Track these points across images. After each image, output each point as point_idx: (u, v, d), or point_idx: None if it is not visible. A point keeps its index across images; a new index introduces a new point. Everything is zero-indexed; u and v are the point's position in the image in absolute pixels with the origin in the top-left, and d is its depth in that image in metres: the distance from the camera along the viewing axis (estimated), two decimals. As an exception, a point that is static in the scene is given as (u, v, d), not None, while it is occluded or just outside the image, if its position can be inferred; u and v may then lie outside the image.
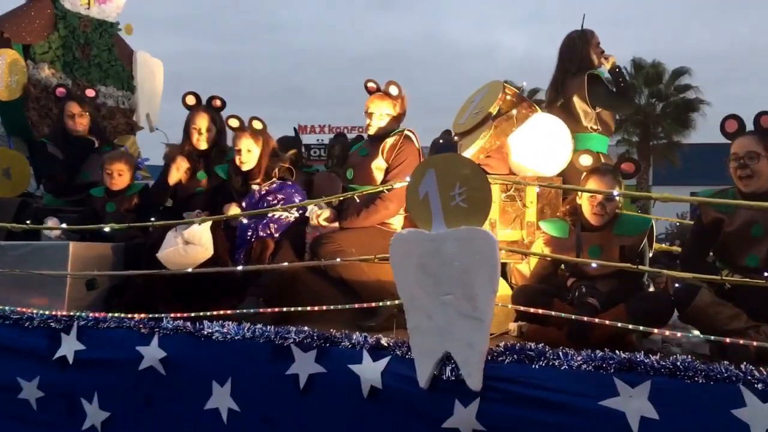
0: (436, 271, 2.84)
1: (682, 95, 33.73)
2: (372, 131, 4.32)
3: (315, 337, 3.23)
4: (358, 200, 3.95)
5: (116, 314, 3.71)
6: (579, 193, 3.41)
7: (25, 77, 5.59)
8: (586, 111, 4.70)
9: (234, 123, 4.41)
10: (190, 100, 4.62)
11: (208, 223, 4.15)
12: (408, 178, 3.02)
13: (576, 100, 4.69)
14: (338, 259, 3.72)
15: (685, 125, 33.10)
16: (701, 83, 34.80)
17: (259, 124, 4.34)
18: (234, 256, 4.19)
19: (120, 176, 4.66)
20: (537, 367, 2.78)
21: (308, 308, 3.46)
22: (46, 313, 3.86)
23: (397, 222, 4.20)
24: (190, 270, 3.68)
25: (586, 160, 3.38)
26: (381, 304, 3.38)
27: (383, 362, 3.04)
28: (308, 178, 5.52)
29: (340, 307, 3.41)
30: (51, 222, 4.38)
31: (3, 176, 5.41)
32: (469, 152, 3.74)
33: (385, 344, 3.10)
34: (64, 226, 4.00)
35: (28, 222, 4.06)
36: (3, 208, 5.20)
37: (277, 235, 4.19)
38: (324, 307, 3.42)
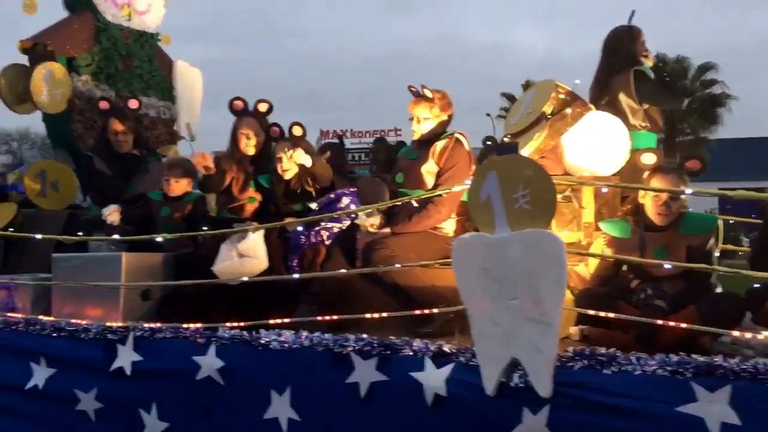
0: (501, 275, 2.78)
1: (708, 90, 33.67)
2: (416, 136, 4.29)
3: (375, 345, 3.20)
4: (416, 204, 3.90)
5: (172, 324, 3.71)
6: (642, 192, 3.33)
7: (70, 90, 5.66)
8: (634, 108, 4.60)
9: (274, 131, 4.41)
10: (237, 106, 4.62)
11: (262, 235, 4.15)
12: (468, 182, 2.97)
13: (622, 96, 4.59)
14: (397, 265, 3.67)
15: (711, 121, 33.03)
16: (729, 77, 34.60)
17: (299, 130, 4.32)
18: (287, 263, 4.17)
19: (176, 183, 4.69)
20: (609, 372, 2.71)
21: (367, 316, 3.43)
22: (102, 324, 3.88)
23: (448, 226, 4.16)
24: (246, 279, 3.66)
25: (649, 159, 3.30)
26: (441, 309, 3.33)
27: (447, 369, 3.00)
28: (351, 182, 5.50)
29: (400, 314, 3.37)
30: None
31: (51, 189, 5.49)
32: (524, 153, 3.67)
33: (448, 351, 3.06)
34: (116, 237, 4.03)
35: (80, 234, 4.09)
36: (52, 220, 5.27)
37: (328, 242, 4.17)
38: (384, 314, 3.39)
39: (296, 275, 3.73)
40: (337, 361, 3.25)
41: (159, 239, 3.86)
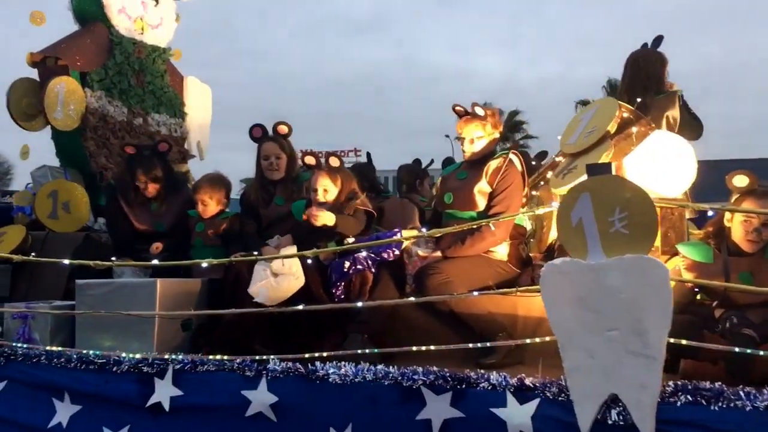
0: (599, 305, 2.64)
1: None
2: (467, 155, 4.19)
3: (448, 378, 3.02)
4: (493, 227, 3.76)
5: (217, 356, 3.49)
6: (728, 215, 3.22)
7: (83, 106, 5.43)
8: (674, 129, 4.56)
9: (310, 160, 4.26)
10: (257, 133, 4.50)
11: (294, 249, 3.97)
12: (549, 206, 2.83)
13: (669, 117, 4.55)
14: (460, 293, 3.50)
15: None
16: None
17: (336, 161, 4.16)
18: (330, 289, 3.98)
19: (205, 206, 4.59)
20: (716, 408, 2.56)
21: (432, 348, 3.24)
22: (136, 356, 3.64)
23: (501, 250, 4.01)
24: (301, 307, 3.46)
25: (740, 181, 3.19)
26: (536, 340, 3.15)
27: (532, 405, 2.84)
28: (379, 204, 5.35)
29: (469, 346, 3.19)
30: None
31: (62, 210, 5.23)
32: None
33: (531, 385, 2.89)
34: (155, 262, 3.79)
35: (113, 259, 3.86)
36: (65, 243, 5.01)
37: (374, 269, 3.99)
38: (451, 347, 3.21)
39: (360, 303, 3.52)
40: (407, 395, 3.07)
41: (204, 264, 3.63)
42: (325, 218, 3.98)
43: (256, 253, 4.08)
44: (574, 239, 2.73)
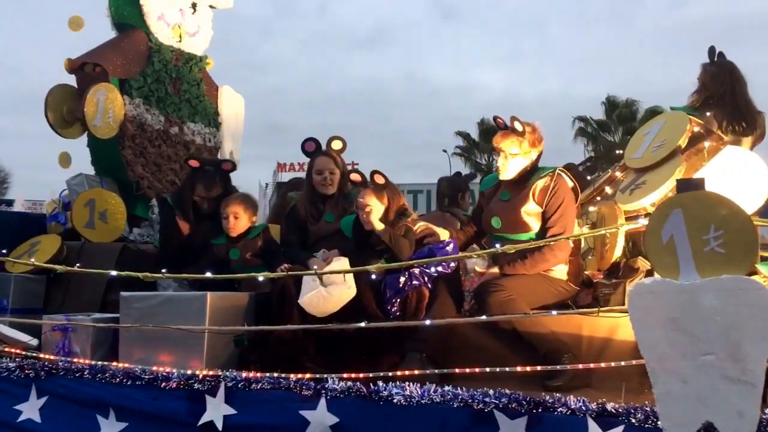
0: (692, 327, 2.52)
1: None
2: (503, 173, 4.03)
3: (523, 402, 2.91)
4: (560, 249, 3.68)
5: (273, 374, 3.38)
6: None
7: (122, 113, 5.37)
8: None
9: (356, 178, 4.22)
10: (310, 147, 4.39)
11: (346, 261, 3.88)
12: (621, 223, 2.73)
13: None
14: (551, 312, 3.41)
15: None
16: None
17: (381, 178, 4.07)
18: (385, 306, 3.88)
19: (236, 219, 4.37)
20: (820, 439, 2.44)
21: (519, 368, 3.13)
22: (187, 372, 3.53)
23: (560, 268, 3.91)
24: (364, 324, 3.35)
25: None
26: (623, 363, 3.03)
27: (616, 432, 2.72)
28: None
29: (548, 368, 3.08)
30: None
31: (99, 219, 5.16)
32: (662, 189, 3.46)
33: (614, 410, 2.78)
34: (209, 274, 3.69)
35: (164, 271, 3.76)
36: (103, 254, 4.93)
37: (430, 284, 3.89)
38: (528, 368, 3.10)
39: (428, 321, 3.41)
40: (478, 419, 2.96)
41: (261, 278, 3.52)
42: (376, 223, 3.92)
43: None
44: (665, 258, 2.62)
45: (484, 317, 3.49)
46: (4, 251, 4.38)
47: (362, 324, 3.34)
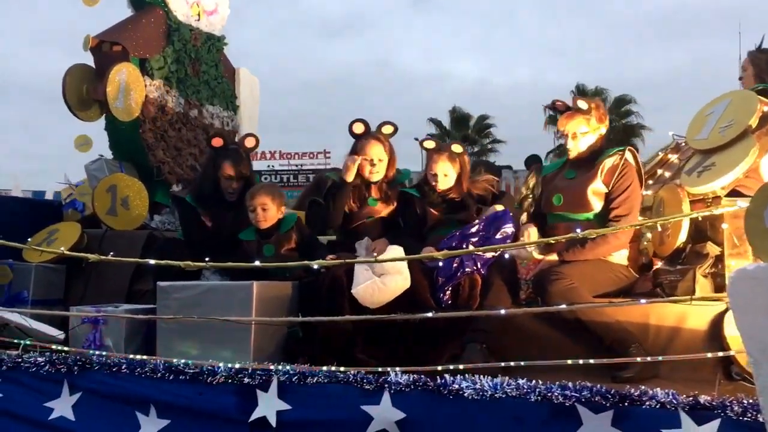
0: (801, 315, 2.39)
1: (624, 121, 37.56)
2: (573, 153, 3.97)
3: (608, 395, 2.77)
4: (623, 233, 3.54)
5: (330, 367, 3.23)
6: None
7: (143, 95, 5.16)
8: None
9: (430, 144, 4.05)
10: (359, 128, 4.21)
11: (401, 249, 3.74)
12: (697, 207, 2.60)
13: None
14: (639, 300, 3.29)
15: None
16: (644, 109, 38.79)
17: (459, 147, 4.00)
18: (437, 293, 3.74)
19: (264, 211, 4.11)
20: None
21: (580, 361, 3.00)
22: (236, 366, 3.37)
23: (621, 253, 3.78)
24: (431, 315, 3.21)
25: None
26: (710, 355, 2.91)
27: (712, 426, 2.60)
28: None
29: (638, 360, 2.94)
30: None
31: (121, 206, 4.96)
32: (736, 171, 3.33)
33: (708, 404, 2.65)
34: (257, 262, 3.50)
35: (207, 259, 3.57)
36: (127, 242, 4.74)
37: (483, 270, 3.75)
38: (604, 361, 2.98)
39: (503, 311, 3.26)
40: (558, 413, 2.82)
41: (316, 266, 3.34)
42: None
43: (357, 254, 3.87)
44: (766, 242, 2.49)
45: (564, 305, 3.37)
46: (29, 240, 4.19)
47: (429, 314, 3.20)
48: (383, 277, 3.65)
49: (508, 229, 3.78)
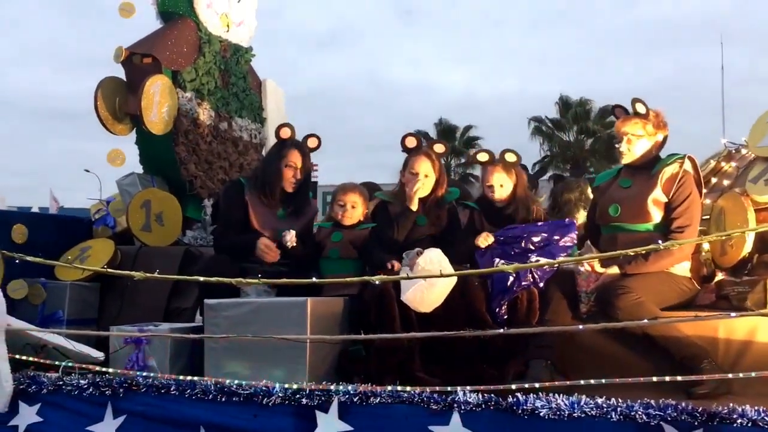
0: None
1: (608, 131, 36.77)
2: (626, 158, 3.89)
3: (695, 413, 2.68)
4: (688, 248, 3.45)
5: (394, 387, 3.13)
6: None
7: (176, 108, 5.08)
8: None
9: (483, 157, 4.05)
10: (411, 142, 4.15)
11: (439, 251, 3.68)
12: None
13: None
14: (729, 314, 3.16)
15: (612, 160, 36.06)
16: None
17: (513, 156, 3.93)
18: (492, 306, 3.65)
19: (353, 208, 4.21)
20: None
21: (667, 379, 2.89)
22: (293, 386, 3.26)
23: (680, 266, 3.69)
24: (501, 331, 3.10)
25: None
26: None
27: (808, 445, 2.49)
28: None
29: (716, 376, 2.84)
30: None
31: (155, 222, 4.86)
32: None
33: (804, 421, 2.55)
34: (317, 279, 3.41)
35: (260, 276, 3.47)
36: (163, 259, 4.63)
37: (541, 284, 3.66)
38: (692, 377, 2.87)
39: (581, 326, 3.17)
40: (643, 434, 2.72)
41: (377, 282, 3.26)
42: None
43: (402, 270, 3.77)
44: None
45: (645, 321, 3.29)
46: (68, 257, 4.09)
47: (500, 331, 3.11)
48: (429, 281, 3.55)
49: (570, 240, 3.70)
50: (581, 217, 4.58)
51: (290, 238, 4.02)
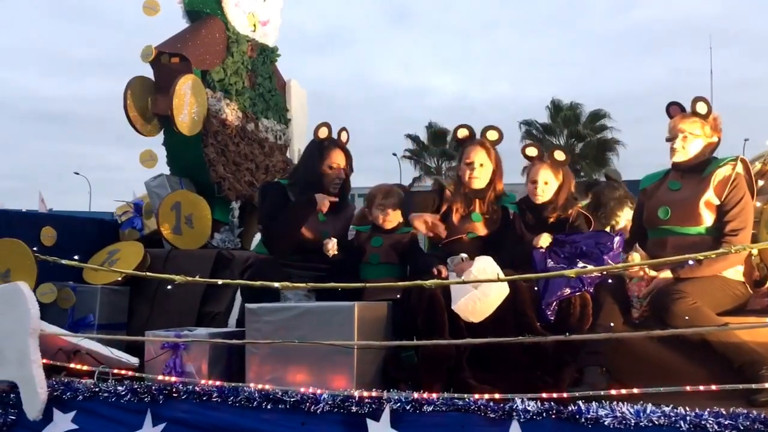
0: None
1: (599, 135, 38.60)
2: (678, 155, 3.80)
3: (758, 421, 2.60)
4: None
5: (449, 394, 3.06)
6: None
7: (206, 109, 5.00)
8: None
9: (532, 152, 3.94)
10: (462, 133, 4.10)
11: (490, 259, 3.55)
12: None
13: None
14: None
15: (601, 164, 36.91)
16: (619, 123, 40.52)
17: (562, 155, 3.85)
18: (541, 309, 3.58)
19: (393, 212, 4.12)
20: None
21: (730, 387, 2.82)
22: (343, 393, 3.19)
23: (734, 270, 3.62)
24: (565, 337, 3.03)
25: None
26: None
27: None
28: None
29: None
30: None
31: (185, 225, 4.79)
32: None
33: None
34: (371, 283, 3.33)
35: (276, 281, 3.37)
36: (192, 261, 4.57)
37: (591, 289, 3.59)
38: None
39: (657, 331, 3.08)
40: (717, 444, 2.64)
41: (430, 285, 3.17)
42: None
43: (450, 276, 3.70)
44: None
45: (718, 326, 3.22)
46: (115, 258, 4.01)
47: (563, 337, 3.03)
48: (481, 287, 3.46)
49: (618, 244, 3.63)
50: (623, 215, 4.51)
51: (332, 246, 3.96)
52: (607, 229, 4.45)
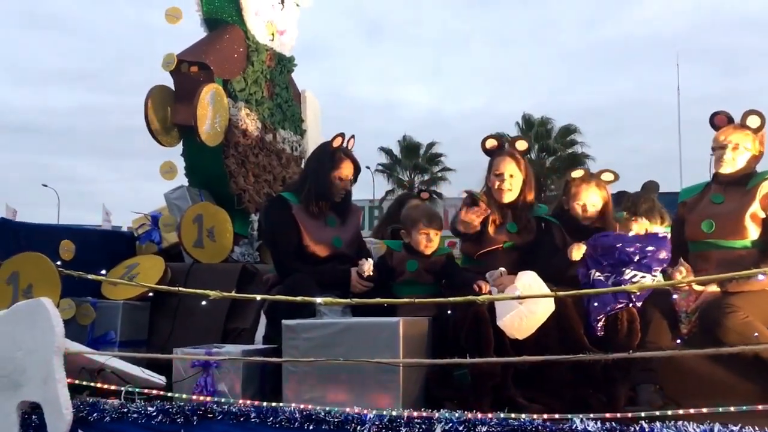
0: None
1: (569, 150, 39.76)
2: (726, 166, 3.73)
3: None
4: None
5: (506, 414, 2.96)
6: None
7: (227, 119, 4.90)
8: None
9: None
10: (491, 144, 4.02)
11: (534, 274, 3.51)
12: None
13: None
14: None
15: None
16: (588, 137, 42.32)
17: (611, 176, 3.99)
18: (589, 324, 3.51)
19: (437, 236, 4.01)
20: None
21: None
22: (391, 413, 3.08)
23: (773, 282, 3.57)
24: (627, 355, 2.95)
25: None
26: None
27: None
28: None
29: None
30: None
31: (207, 238, 4.67)
32: None
33: None
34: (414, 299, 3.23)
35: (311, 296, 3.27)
36: (215, 275, 4.45)
37: (639, 303, 3.52)
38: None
39: (725, 348, 3.00)
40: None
41: (480, 301, 3.09)
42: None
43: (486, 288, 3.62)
44: None
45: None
46: (135, 273, 3.88)
47: (625, 354, 2.95)
48: (527, 304, 3.39)
49: (666, 253, 3.58)
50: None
51: (367, 267, 3.87)
52: None
